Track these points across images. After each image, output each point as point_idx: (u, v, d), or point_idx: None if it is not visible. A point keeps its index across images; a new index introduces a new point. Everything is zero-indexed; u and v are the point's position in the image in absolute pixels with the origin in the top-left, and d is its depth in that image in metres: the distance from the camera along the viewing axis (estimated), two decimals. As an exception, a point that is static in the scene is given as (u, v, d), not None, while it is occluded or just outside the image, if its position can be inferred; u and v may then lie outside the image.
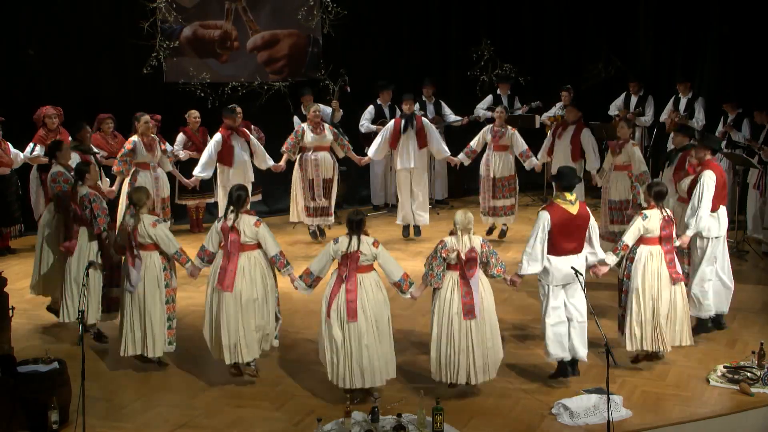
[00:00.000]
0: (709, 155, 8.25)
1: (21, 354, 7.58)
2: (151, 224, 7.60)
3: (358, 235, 7.11)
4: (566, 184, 7.35)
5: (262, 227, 7.44)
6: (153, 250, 7.64)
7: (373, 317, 7.06)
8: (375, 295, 7.10)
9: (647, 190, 7.77)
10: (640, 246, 7.59)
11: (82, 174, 8.23)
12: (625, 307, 7.68)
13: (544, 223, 7.22)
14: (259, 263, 7.45)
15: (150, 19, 12.57)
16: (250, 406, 7.19)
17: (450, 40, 14.38)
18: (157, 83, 12.83)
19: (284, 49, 13.52)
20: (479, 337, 7.05)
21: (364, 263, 7.10)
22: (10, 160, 10.83)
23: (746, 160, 11.02)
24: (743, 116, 11.85)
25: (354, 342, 7.01)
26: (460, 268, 7.06)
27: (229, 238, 7.37)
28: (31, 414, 6.68)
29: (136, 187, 8.03)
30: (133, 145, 10.33)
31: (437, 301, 7.14)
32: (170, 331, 7.74)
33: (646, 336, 7.59)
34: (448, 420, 6.67)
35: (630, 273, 7.63)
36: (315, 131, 11.28)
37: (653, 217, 7.57)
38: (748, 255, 10.95)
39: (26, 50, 11.89)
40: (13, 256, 11.05)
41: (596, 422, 6.78)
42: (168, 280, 7.71)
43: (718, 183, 8.18)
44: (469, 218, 7.09)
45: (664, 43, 13.74)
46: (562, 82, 13.71)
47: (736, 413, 7.09)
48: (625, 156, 10.22)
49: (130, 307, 7.64)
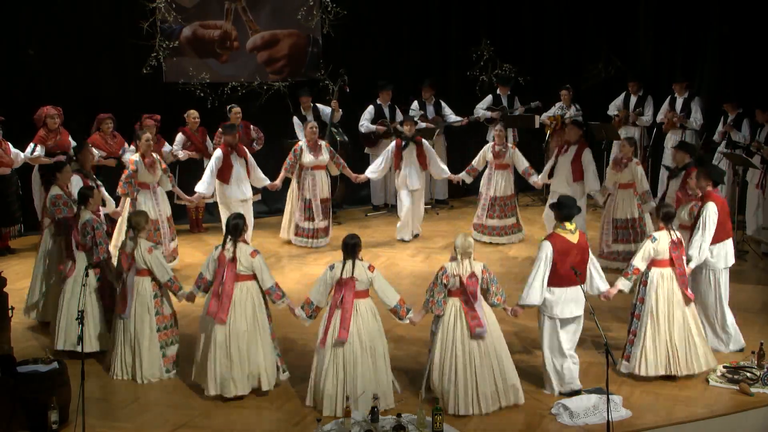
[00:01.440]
0: (710, 187, 8.14)
1: (21, 354, 7.59)
2: (147, 250, 7.59)
3: (353, 260, 7.05)
4: (566, 214, 7.32)
5: (257, 258, 7.32)
6: (146, 276, 7.62)
7: (368, 344, 7.00)
8: (370, 323, 7.05)
9: (656, 212, 7.72)
10: (651, 269, 7.52)
11: (86, 198, 8.14)
12: (636, 332, 7.57)
13: (548, 254, 7.16)
14: (251, 295, 7.33)
15: (150, 19, 12.57)
16: (250, 406, 7.19)
17: (450, 40, 14.37)
18: (156, 83, 12.83)
19: (284, 49, 13.51)
20: (483, 361, 6.92)
21: (359, 288, 7.05)
22: (10, 160, 10.83)
23: (746, 160, 11.02)
24: (743, 116, 11.86)
25: (349, 368, 6.93)
26: (462, 293, 7.00)
27: (226, 268, 7.28)
28: (31, 414, 6.69)
29: (137, 211, 8.03)
30: (136, 166, 10.11)
31: (440, 328, 7.05)
32: (166, 359, 7.69)
33: (660, 360, 7.47)
34: (448, 420, 6.67)
35: (644, 297, 7.54)
36: (312, 151, 11.29)
37: (662, 239, 7.50)
38: (747, 255, 10.94)
39: (26, 50, 11.88)
40: (13, 256, 11.04)
41: (596, 422, 6.79)
42: (158, 308, 7.66)
43: (721, 215, 8.08)
44: (469, 242, 7.03)
45: (664, 43, 13.73)
46: (562, 82, 13.72)
47: (736, 413, 7.10)
48: (628, 174, 10.21)
49: (121, 332, 7.63)
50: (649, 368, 7.49)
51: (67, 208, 8.50)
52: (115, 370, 7.65)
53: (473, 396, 6.93)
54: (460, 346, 6.93)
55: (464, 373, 6.91)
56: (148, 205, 10.00)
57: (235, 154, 10.91)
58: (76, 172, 9.28)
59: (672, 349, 7.46)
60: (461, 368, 6.91)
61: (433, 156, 11.68)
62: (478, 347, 6.93)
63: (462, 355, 6.92)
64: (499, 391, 7.00)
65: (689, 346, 7.51)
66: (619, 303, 8.32)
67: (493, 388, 6.98)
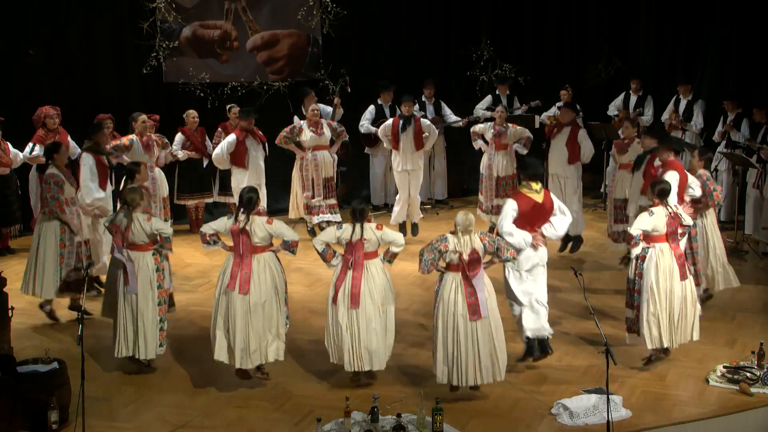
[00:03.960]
0: (672, 156, 8.42)
1: (21, 354, 7.59)
2: (146, 219, 7.62)
3: (362, 223, 7.35)
4: (532, 173, 7.60)
5: (275, 223, 7.42)
6: (146, 250, 7.63)
7: (380, 301, 7.35)
8: (381, 280, 7.39)
9: (651, 188, 7.80)
10: (649, 244, 7.60)
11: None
12: (639, 306, 7.65)
13: (512, 212, 7.45)
14: (269, 265, 7.40)
15: (150, 19, 12.57)
16: (250, 406, 7.19)
17: (450, 40, 14.37)
18: (157, 83, 12.83)
19: (284, 49, 13.51)
20: (485, 336, 7.04)
21: (369, 249, 7.37)
22: (9, 160, 10.84)
23: (745, 159, 11.03)
24: (742, 116, 11.87)
25: (362, 326, 7.26)
26: (462, 269, 7.06)
27: (241, 241, 7.32)
28: (31, 414, 6.69)
29: (131, 188, 8.01)
30: (131, 143, 10.29)
31: (440, 303, 7.12)
32: (161, 333, 7.71)
33: (664, 333, 7.59)
34: (448, 420, 6.67)
35: (642, 272, 7.61)
36: (314, 131, 11.29)
37: (658, 214, 7.59)
38: (747, 255, 10.95)
39: (26, 50, 11.88)
40: (13, 256, 11.05)
41: (596, 422, 6.79)
42: (160, 281, 7.68)
43: (681, 182, 8.29)
44: (470, 219, 7.09)
45: (665, 43, 13.74)
46: (562, 82, 13.71)
47: (736, 413, 7.10)
48: (631, 155, 10.21)
49: (123, 308, 7.61)
50: (655, 342, 7.60)
51: (57, 187, 8.61)
52: (120, 348, 7.62)
53: (475, 367, 7.03)
54: (462, 321, 7.01)
55: (466, 346, 7.01)
56: None
57: (252, 140, 10.83)
58: (89, 150, 9.31)
59: (672, 323, 7.57)
60: (463, 341, 7.01)
61: (433, 131, 11.53)
62: (480, 321, 7.04)
63: (464, 329, 7.01)
64: (493, 365, 7.10)
65: (685, 318, 7.63)
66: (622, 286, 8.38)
67: (494, 359, 7.09)
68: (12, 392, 6.65)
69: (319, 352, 8.08)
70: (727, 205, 11.92)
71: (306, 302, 9.35)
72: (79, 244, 8.85)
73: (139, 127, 10.40)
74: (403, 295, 9.56)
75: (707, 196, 8.66)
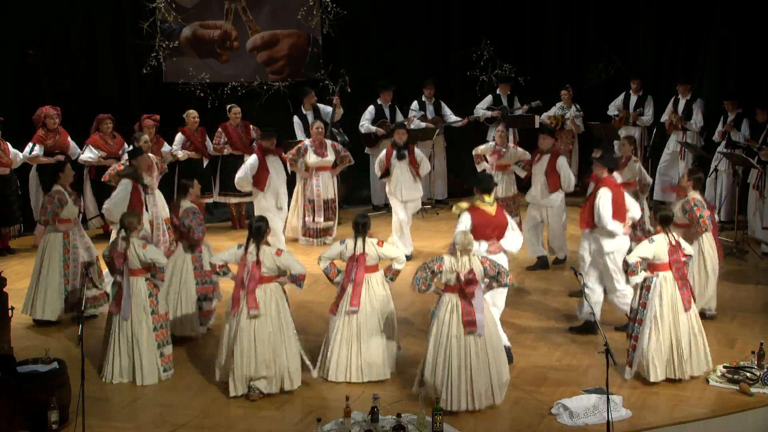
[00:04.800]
0: (605, 173, 8.45)
1: (21, 354, 7.58)
2: (141, 246, 7.60)
3: (363, 238, 7.54)
4: (485, 188, 7.82)
5: (284, 255, 7.39)
6: (140, 275, 7.61)
7: (380, 313, 7.54)
8: (381, 292, 7.59)
9: (653, 214, 7.70)
10: (653, 273, 7.48)
11: (186, 188, 8.61)
12: (638, 337, 7.51)
13: (466, 226, 7.62)
14: (275, 296, 7.36)
15: (150, 19, 12.58)
16: (250, 406, 7.19)
17: (450, 40, 14.37)
18: (157, 83, 12.84)
19: (284, 49, 13.52)
20: (479, 359, 6.92)
21: (369, 263, 7.55)
22: (9, 160, 10.84)
23: (746, 160, 11.03)
24: (743, 116, 11.86)
25: (363, 338, 7.45)
26: (459, 289, 6.98)
27: (250, 271, 7.27)
28: (31, 414, 6.69)
29: (128, 212, 8.03)
30: None
31: (435, 323, 7.05)
32: (164, 359, 7.69)
33: (665, 365, 7.44)
34: (448, 420, 6.67)
35: (646, 302, 7.49)
36: (318, 151, 11.25)
37: (659, 242, 7.46)
38: (747, 255, 10.94)
39: (26, 50, 11.88)
40: (13, 256, 11.05)
41: (596, 422, 6.78)
42: (154, 307, 7.65)
43: (615, 199, 8.27)
44: (469, 239, 7.02)
45: (665, 42, 13.74)
46: (562, 82, 13.72)
47: (736, 413, 7.09)
48: (629, 173, 10.14)
49: (116, 333, 7.59)
50: (656, 374, 7.44)
51: (59, 205, 8.63)
52: (113, 373, 7.59)
53: (467, 392, 6.93)
54: (455, 342, 6.92)
55: (458, 369, 6.91)
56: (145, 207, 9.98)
57: (273, 161, 10.56)
58: (129, 176, 9.22)
59: (679, 354, 7.42)
60: (455, 364, 6.91)
61: (423, 160, 11.04)
62: (474, 343, 6.92)
63: (457, 351, 6.90)
64: (494, 388, 7.00)
65: (694, 348, 7.49)
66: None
67: (488, 385, 6.97)
68: (12, 392, 6.65)
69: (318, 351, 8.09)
70: (727, 205, 11.92)
71: (306, 302, 9.35)
72: (82, 264, 8.83)
73: (142, 147, 10.24)
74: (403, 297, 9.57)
75: (694, 222, 8.45)
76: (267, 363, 7.23)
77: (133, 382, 7.59)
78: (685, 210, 8.46)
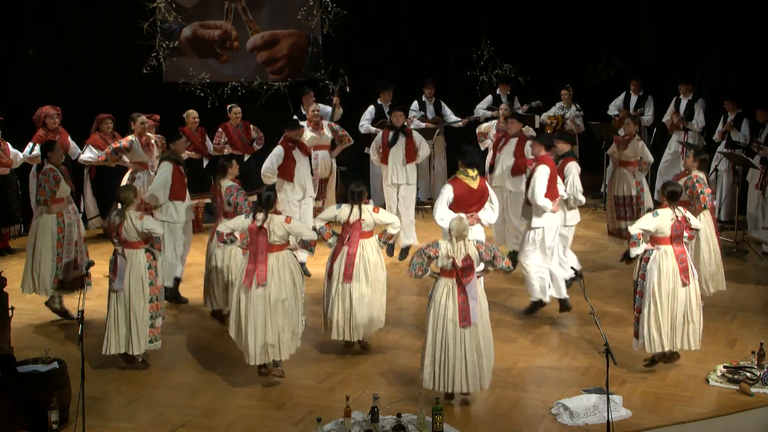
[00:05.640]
0: (543, 151, 8.68)
1: (21, 354, 7.58)
2: (138, 217, 7.65)
3: (360, 205, 7.90)
4: (469, 161, 8.12)
5: (293, 222, 7.49)
6: (139, 247, 7.67)
7: (372, 278, 7.92)
8: (374, 258, 7.96)
9: (661, 189, 7.75)
10: (654, 246, 7.54)
11: (225, 169, 8.67)
12: (639, 309, 7.60)
13: (448, 196, 7.95)
14: (288, 263, 7.43)
15: (150, 19, 12.58)
16: (250, 406, 7.19)
17: (450, 40, 14.38)
18: (157, 83, 12.84)
19: (284, 49, 13.52)
20: (472, 343, 6.97)
21: (365, 229, 7.91)
22: (9, 160, 10.84)
23: (746, 160, 11.03)
24: (743, 116, 11.87)
25: (355, 300, 7.83)
26: (455, 275, 7.00)
27: (258, 239, 7.32)
28: (31, 414, 6.69)
29: (125, 186, 8.11)
30: (130, 145, 10.27)
31: (432, 307, 7.07)
32: (152, 330, 7.74)
33: (665, 337, 7.51)
34: (448, 420, 6.67)
35: (645, 273, 7.56)
36: (314, 131, 11.26)
37: (663, 216, 7.50)
38: (748, 255, 10.95)
39: (26, 50, 11.88)
40: (13, 256, 11.05)
41: (596, 422, 6.78)
42: (152, 279, 7.72)
43: (551, 176, 8.54)
44: (464, 225, 7.04)
45: (665, 42, 13.74)
46: (562, 82, 13.72)
47: (736, 413, 7.09)
48: (631, 151, 10.26)
49: (115, 305, 7.66)
50: (655, 345, 7.54)
51: (55, 183, 8.66)
52: (110, 345, 7.68)
53: (463, 372, 6.97)
54: (451, 326, 6.96)
55: (454, 351, 6.95)
56: (146, 185, 10.02)
57: (299, 151, 10.35)
58: (168, 159, 9.23)
59: (674, 326, 7.50)
60: (451, 346, 6.96)
61: (424, 144, 10.93)
62: (468, 328, 6.98)
63: (453, 334, 6.95)
64: (482, 372, 7.04)
65: (689, 323, 7.55)
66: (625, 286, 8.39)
67: (479, 368, 7.01)
68: (12, 392, 6.65)
69: (319, 352, 8.10)
70: (727, 205, 11.92)
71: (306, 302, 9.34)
72: (76, 243, 8.86)
73: (138, 128, 10.41)
74: (403, 296, 9.58)
75: (694, 198, 8.58)
76: (282, 330, 7.35)
77: (125, 355, 7.71)
78: (687, 186, 8.54)
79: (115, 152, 10.20)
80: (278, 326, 7.35)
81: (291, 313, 7.43)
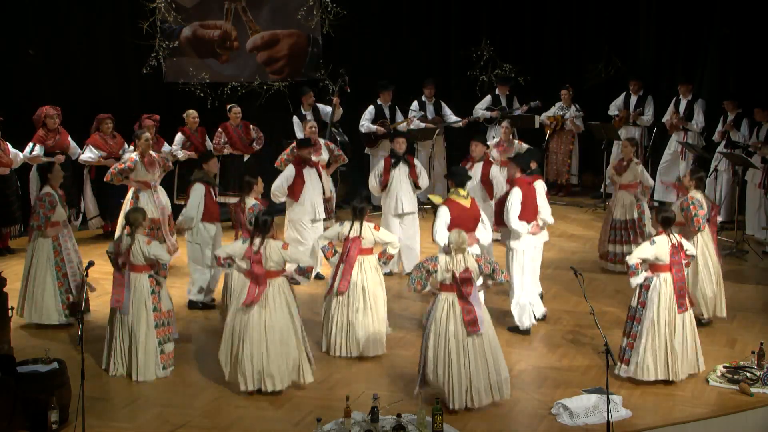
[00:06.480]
0: (518, 173, 8.64)
1: (21, 354, 7.58)
2: (146, 242, 7.61)
3: (361, 222, 8.03)
4: (459, 182, 8.12)
5: (290, 249, 7.40)
6: (143, 271, 7.62)
7: (371, 296, 7.96)
8: (373, 276, 8.04)
9: (655, 215, 7.67)
10: (654, 274, 7.45)
11: (251, 186, 8.84)
12: (636, 335, 7.48)
13: (445, 218, 7.92)
14: (283, 291, 7.34)
15: (150, 19, 12.58)
16: (250, 406, 7.19)
17: (450, 40, 14.38)
18: (157, 83, 12.84)
19: (284, 49, 13.52)
20: (476, 355, 6.92)
21: (365, 246, 8.02)
22: (9, 160, 10.84)
23: (746, 160, 11.03)
24: (743, 116, 11.87)
25: (353, 316, 7.89)
26: (456, 288, 6.98)
27: (254, 265, 7.25)
28: (31, 414, 6.69)
29: (133, 208, 8.03)
30: (134, 165, 10.10)
31: (432, 323, 7.03)
32: (163, 356, 7.69)
33: (659, 365, 7.41)
34: (447, 420, 6.67)
35: (645, 301, 7.47)
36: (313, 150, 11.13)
37: (661, 243, 7.42)
38: (748, 255, 10.94)
39: (26, 50, 11.88)
40: (13, 256, 11.04)
41: (596, 422, 6.78)
42: (156, 304, 7.65)
43: (525, 199, 8.45)
44: (463, 238, 7.01)
45: (665, 43, 13.75)
46: (562, 82, 13.72)
47: (736, 413, 7.10)
48: (630, 175, 10.13)
49: (119, 329, 7.63)
50: (650, 373, 7.43)
51: (50, 208, 8.57)
52: (116, 367, 7.66)
53: (467, 390, 6.92)
54: (454, 340, 6.92)
55: (458, 367, 6.90)
56: (148, 205, 9.97)
57: (309, 170, 10.09)
58: (201, 180, 9.15)
59: (672, 355, 7.40)
60: (455, 363, 6.90)
61: (423, 172, 10.51)
62: (472, 341, 6.93)
63: (456, 350, 6.91)
64: (492, 385, 6.99)
65: (685, 352, 7.46)
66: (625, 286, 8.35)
67: (486, 381, 6.97)
68: (12, 392, 6.65)
69: (319, 352, 8.09)
70: (727, 205, 11.92)
71: (306, 303, 9.34)
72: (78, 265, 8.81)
73: (143, 146, 10.17)
74: (404, 297, 9.57)
75: (689, 221, 8.41)
76: (277, 358, 7.21)
77: (129, 377, 7.63)
78: (682, 208, 8.48)
79: (120, 173, 10.02)
80: (275, 355, 7.20)
81: (287, 342, 7.26)
